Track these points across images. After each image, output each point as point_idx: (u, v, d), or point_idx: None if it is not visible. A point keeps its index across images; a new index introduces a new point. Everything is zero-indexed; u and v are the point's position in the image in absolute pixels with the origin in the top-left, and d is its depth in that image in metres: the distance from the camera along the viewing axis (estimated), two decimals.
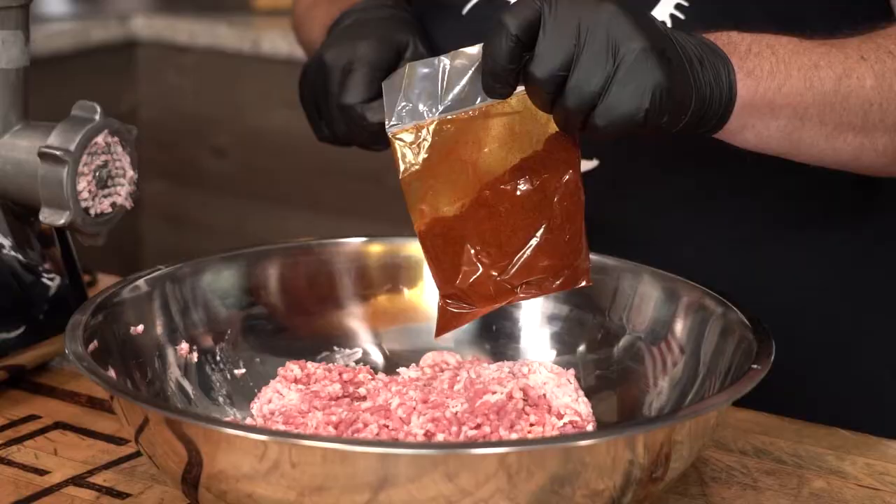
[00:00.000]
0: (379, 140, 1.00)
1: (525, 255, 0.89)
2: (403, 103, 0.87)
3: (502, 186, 0.88)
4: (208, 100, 2.59)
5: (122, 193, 0.99)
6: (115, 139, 0.97)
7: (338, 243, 1.02)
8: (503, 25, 0.83)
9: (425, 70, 0.87)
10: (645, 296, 0.95)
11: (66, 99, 1.03)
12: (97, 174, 0.96)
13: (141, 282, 0.93)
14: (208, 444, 0.74)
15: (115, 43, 2.58)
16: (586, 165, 1.10)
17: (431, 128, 0.87)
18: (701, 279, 0.94)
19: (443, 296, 0.90)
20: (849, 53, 0.95)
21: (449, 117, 0.87)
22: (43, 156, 0.95)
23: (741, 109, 0.90)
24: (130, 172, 0.99)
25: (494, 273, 0.89)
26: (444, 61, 0.87)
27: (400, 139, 0.87)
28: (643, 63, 0.83)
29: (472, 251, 0.88)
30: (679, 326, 0.93)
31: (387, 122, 0.87)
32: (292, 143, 2.51)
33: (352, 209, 2.42)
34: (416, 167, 0.87)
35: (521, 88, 0.86)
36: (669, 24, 1.05)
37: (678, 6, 1.05)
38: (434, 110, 0.87)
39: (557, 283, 0.89)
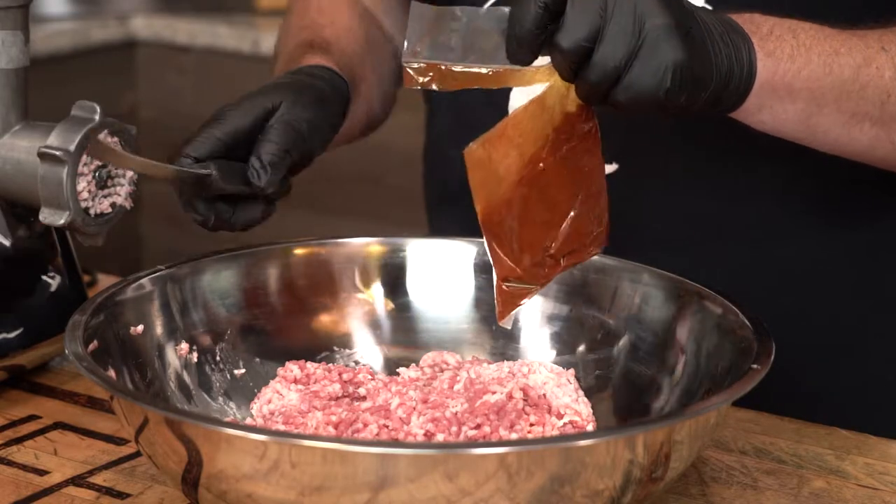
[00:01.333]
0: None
1: (566, 227, 0.90)
2: (426, 39, 0.87)
3: (541, 163, 0.88)
4: (208, 100, 2.58)
5: (121, 193, 0.98)
6: (115, 139, 0.97)
7: (337, 243, 1.02)
8: None
9: (452, 18, 0.87)
10: (645, 296, 0.95)
11: (65, 99, 1.03)
12: (97, 174, 0.96)
13: (141, 282, 0.93)
14: (208, 444, 0.74)
15: (115, 43, 2.58)
16: (605, 170, 1.09)
17: (444, 70, 0.87)
18: (720, 282, 0.93)
19: (501, 278, 0.90)
20: (870, 43, 0.95)
21: (460, 69, 0.86)
22: (43, 156, 0.94)
23: (760, 89, 0.91)
24: (130, 172, 0.99)
25: (546, 249, 0.90)
26: (472, 15, 0.87)
27: (412, 70, 0.86)
28: (667, 40, 0.83)
29: (529, 233, 0.90)
30: (679, 326, 0.93)
31: (405, 48, 0.87)
32: None
33: (351, 209, 2.42)
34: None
35: (542, 61, 0.86)
36: None
37: None
38: (451, 58, 0.86)
39: (590, 249, 0.91)
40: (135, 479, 0.89)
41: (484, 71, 0.86)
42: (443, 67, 0.86)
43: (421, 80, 0.86)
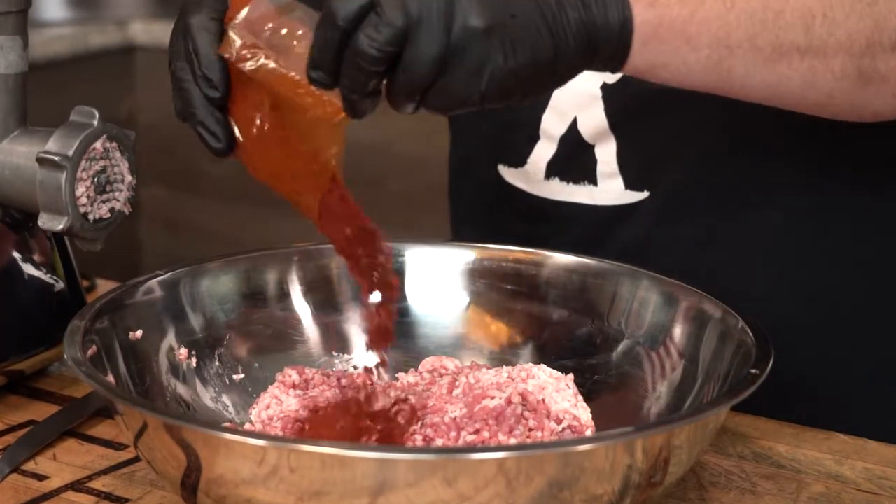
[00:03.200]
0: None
1: None
2: (268, 23, 0.83)
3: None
4: None
5: (120, 199, 0.99)
6: (114, 144, 0.97)
7: None
8: (332, 15, 0.78)
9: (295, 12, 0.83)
10: (643, 300, 0.95)
11: (64, 104, 1.03)
12: (96, 179, 0.96)
13: (139, 287, 0.93)
14: (207, 449, 0.74)
15: (114, 48, 2.58)
16: (635, 197, 1.09)
17: (263, 60, 0.83)
18: (741, 305, 0.91)
19: None
20: None
21: (274, 66, 0.82)
22: (41, 161, 0.95)
23: (644, 46, 0.82)
24: (129, 177, 0.99)
25: None
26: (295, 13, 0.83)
27: (236, 40, 0.82)
28: (479, 44, 0.77)
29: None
30: (678, 331, 0.93)
31: (243, 14, 0.83)
32: None
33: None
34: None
35: None
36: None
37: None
38: (277, 51, 0.82)
39: None
40: (134, 484, 0.89)
41: (295, 77, 0.82)
42: (264, 59, 0.82)
43: (237, 54, 0.82)
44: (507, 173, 1.15)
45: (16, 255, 1.00)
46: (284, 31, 0.83)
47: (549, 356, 0.97)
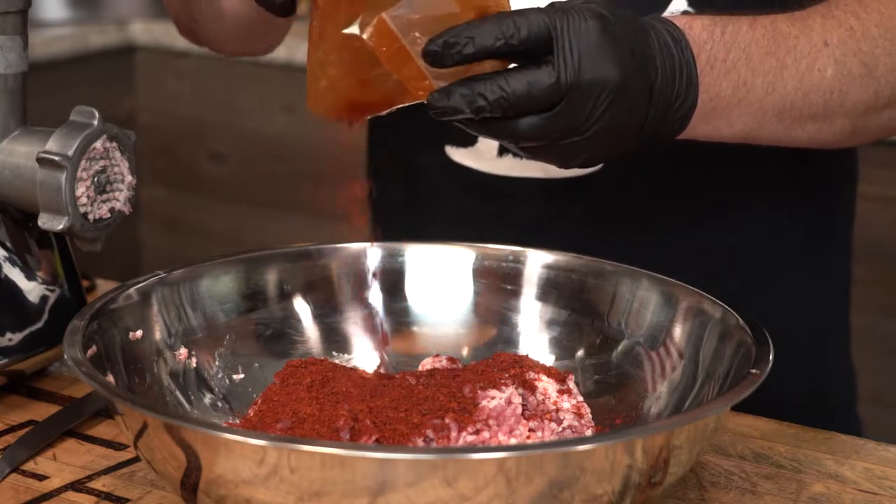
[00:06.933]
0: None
1: None
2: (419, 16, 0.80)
3: None
4: (207, 105, 2.59)
5: (120, 199, 0.99)
6: (114, 144, 0.97)
7: (336, 248, 1.02)
8: (506, 31, 0.79)
9: None
10: (643, 300, 0.95)
11: (64, 104, 1.03)
12: (96, 179, 0.96)
13: (139, 287, 0.93)
14: (207, 449, 0.74)
15: (114, 48, 2.59)
16: (588, 168, 1.10)
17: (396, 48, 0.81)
18: (704, 285, 0.93)
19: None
20: (814, 40, 0.93)
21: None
22: (41, 161, 0.95)
23: (690, 130, 0.89)
24: (129, 178, 0.99)
25: None
26: None
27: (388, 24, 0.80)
28: (606, 137, 0.83)
29: None
30: (678, 331, 0.93)
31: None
32: (291, 147, 2.51)
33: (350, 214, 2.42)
34: None
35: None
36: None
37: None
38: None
39: None
40: (134, 485, 0.89)
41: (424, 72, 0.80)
42: (400, 44, 0.81)
43: (372, 40, 0.81)
44: (455, 153, 1.15)
45: (16, 254, 1.00)
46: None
47: (549, 356, 0.97)
